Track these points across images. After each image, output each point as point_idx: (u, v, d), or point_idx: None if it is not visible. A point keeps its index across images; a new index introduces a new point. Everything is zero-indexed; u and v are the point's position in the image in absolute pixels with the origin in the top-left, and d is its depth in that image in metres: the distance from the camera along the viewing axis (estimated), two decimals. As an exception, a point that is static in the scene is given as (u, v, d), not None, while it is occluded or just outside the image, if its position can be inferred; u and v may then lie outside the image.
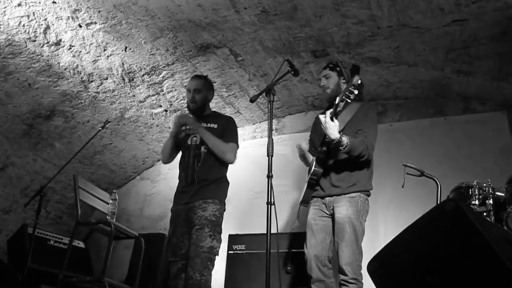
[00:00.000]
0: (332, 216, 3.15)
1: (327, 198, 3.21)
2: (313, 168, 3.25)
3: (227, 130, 3.66)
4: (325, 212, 3.21)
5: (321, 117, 3.05)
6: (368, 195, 3.23)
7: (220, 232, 3.41)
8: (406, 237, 2.11)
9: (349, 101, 3.00)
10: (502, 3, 3.55)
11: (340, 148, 3.03)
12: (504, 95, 4.58)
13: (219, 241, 3.38)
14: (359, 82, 2.98)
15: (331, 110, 3.04)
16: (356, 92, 2.97)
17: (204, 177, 3.48)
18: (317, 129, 3.44)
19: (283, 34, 4.22)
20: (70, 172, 5.24)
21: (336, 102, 3.05)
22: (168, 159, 3.77)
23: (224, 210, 3.52)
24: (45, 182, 4.52)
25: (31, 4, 3.82)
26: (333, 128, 2.99)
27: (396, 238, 2.16)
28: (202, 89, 3.72)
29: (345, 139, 3.01)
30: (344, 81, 3.34)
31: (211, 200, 3.41)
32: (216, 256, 3.35)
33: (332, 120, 2.98)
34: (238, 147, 3.67)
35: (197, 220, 3.33)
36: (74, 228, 4.34)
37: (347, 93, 2.97)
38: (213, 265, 3.31)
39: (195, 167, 3.49)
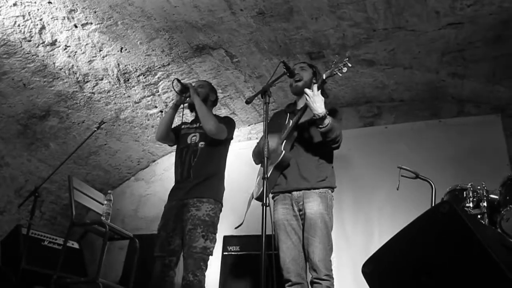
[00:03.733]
0: (301, 212, 3.03)
1: (295, 193, 3.07)
2: (282, 154, 3.08)
3: (223, 120, 3.67)
4: (294, 210, 3.06)
5: (308, 90, 2.96)
6: (333, 192, 3.16)
7: (214, 232, 3.37)
8: (401, 239, 2.12)
9: (340, 74, 2.95)
10: (497, 7, 3.58)
11: (320, 126, 2.93)
12: (499, 98, 4.60)
13: (213, 241, 3.34)
14: (349, 58, 2.95)
15: (317, 84, 3.00)
16: (350, 65, 2.93)
17: (199, 171, 3.46)
18: (278, 122, 3.34)
19: (279, 36, 4.22)
20: (65, 173, 5.22)
21: (324, 77, 3.01)
22: (163, 134, 3.69)
23: (221, 210, 3.49)
24: (39, 183, 4.51)
25: (27, 4, 3.80)
26: (320, 102, 2.91)
27: (391, 240, 2.16)
28: (205, 86, 3.84)
29: (328, 117, 2.93)
30: (314, 82, 3.23)
31: (206, 200, 3.38)
32: (210, 256, 3.31)
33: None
34: (227, 132, 3.61)
35: (190, 220, 3.30)
36: (68, 229, 4.32)
37: (341, 65, 2.93)
38: (206, 266, 3.28)
39: (191, 162, 3.50)
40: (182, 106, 3.72)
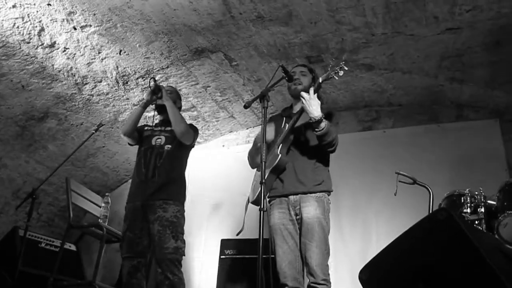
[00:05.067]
0: (297, 217, 3.02)
1: (291, 197, 3.05)
2: (279, 157, 3.07)
3: (189, 126, 3.74)
4: (291, 215, 3.05)
5: (304, 94, 2.97)
6: (329, 196, 3.15)
7: (182, 233, 3.42)
8: (398, 246, 2.11)
9: (336, 78, 2.96)
10: (495, 12, 3.59)
11: (316, 129, 2.94)
12: (497, 103, 4.61)
13: (183, 241, 3.39)
14: (345, 61, 2.97)
15: (314, 87, 3.01)
16: (346, 69, 2.94)
17: (164, 173, 3.50)
18: (275, 124, 3.31)
19: (278, 40, 4.23)
20: (63, 175, 5.21)
21: (321, 80, 3.02)
22: (129, 130, 3.72)
23: (184, 211, 3.54)
24: (37, 184, 4.50)
25: (26, 6, 3.80)
26: (317, 105, 2.91)
27: (388, 247, 2.16)
28: (173, 92, 3.90)
29: (325, 120, 2.93)
30: (312, 86, 3.20)
31: (172, 202, 3.43)
32: (183, 256, 3.36)
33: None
34: (193, 134, 3.70)
35: (158, 221, 3.33)
36: (66, 231, 4.32)
37: (337, 68, 2.94)
38: (181, 265, 3.32)
39: (156, 163, 3.53)
40: (153, 106, 3.77)
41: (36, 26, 4.01)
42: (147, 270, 3.50)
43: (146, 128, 3.83)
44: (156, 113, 3.82)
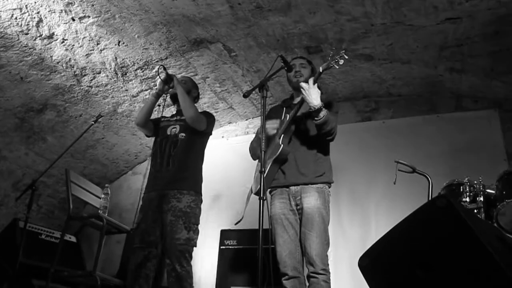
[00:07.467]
0: (298, 207, 3.06)
1: (292, 188, 3.10)
2: (281, 147, 3.10)
3: (203, 113, 3.72)
4: (291, 205, 3.08)
5: (303, 84, 3.00)
6: (330, 188, 3.18)
7: (197, 223, 3.39)
8: (397, 233, 2.12)
9: (337, 67, 2.96)
10: (495, 2, 3.58)
11: (316, 118, 2.97)
12: (496, 93, 4.61)
13: (196, 232, 3.36)
14: (345, 50, 2.97)
15: (313, 77, 3.03)
16: (346, 57, 2.94)
17: (179, 161, 3.48)
18: (274, 117, 3.32)
19: (277, 30, 4.22)
20: (62, 166, 5.21)
21: (321, 70, 3.02)
22: (142, 120, 3.70)
23: (201, 202, 3.51)
24: (36, 176, 4.49)
25: (24, -4, 3.79)
26: (316, 95, 2.94)
27: (387, 234, 2.17)
28: (187, 81, 3.88)
29: (324, 109, 2.96)
30: (312, 76, 3.21)
31: (186, 191, 3.40)
32: (194, 248, 3.33)
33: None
34: (206, 124, 3.64)
35: (171, 211, 3.31)
36: (65, 223, 4.33)
37: (337, 57, 2.94)
38: (191, 257, 3.29)
39: (171, 152, 3.52)
40: (164, 96, 3.73)
41: (34, 17, 4.00)
42: (159, 261, 3.47)
43: (162, 119, 3.81)
44: (164, 102, 3.79)
